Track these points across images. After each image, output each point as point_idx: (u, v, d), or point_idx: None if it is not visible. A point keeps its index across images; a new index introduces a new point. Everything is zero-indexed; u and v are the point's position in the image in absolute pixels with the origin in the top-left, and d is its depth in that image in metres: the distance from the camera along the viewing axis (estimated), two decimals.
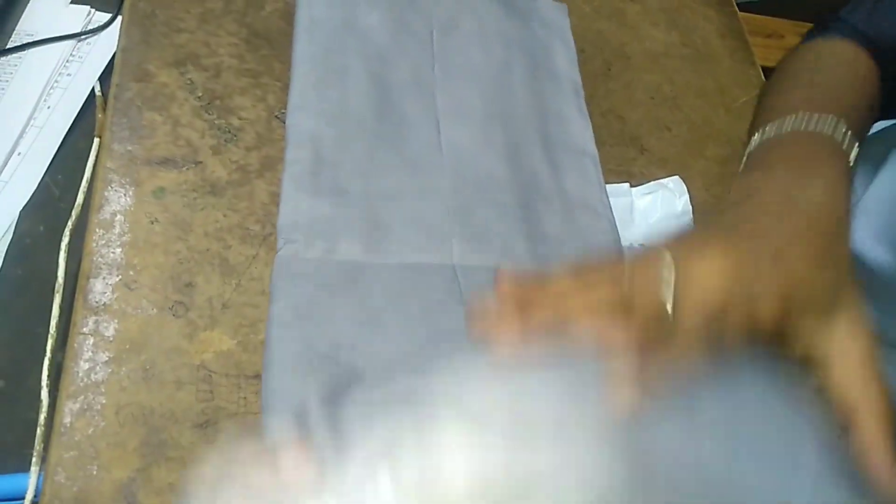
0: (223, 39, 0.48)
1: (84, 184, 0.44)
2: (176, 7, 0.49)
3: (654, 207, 0.48)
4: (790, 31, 0.68)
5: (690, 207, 0.49)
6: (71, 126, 0.48)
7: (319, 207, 0.42)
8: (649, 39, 0.62)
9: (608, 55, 0.59)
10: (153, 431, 0.36)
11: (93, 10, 0.53)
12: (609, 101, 0.57)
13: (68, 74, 0.50)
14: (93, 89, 0.50)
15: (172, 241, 0.41)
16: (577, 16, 0.60)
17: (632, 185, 0.50)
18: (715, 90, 0.61)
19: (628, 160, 0.54)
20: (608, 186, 0.49)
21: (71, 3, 0.53)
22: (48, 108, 0.49)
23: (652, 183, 0.50)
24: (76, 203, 0.43)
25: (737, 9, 0.67)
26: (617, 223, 0.46)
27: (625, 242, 0.45)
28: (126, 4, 0.48)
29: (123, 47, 0.47)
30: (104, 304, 0.38)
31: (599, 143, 0.54)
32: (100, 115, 0.48)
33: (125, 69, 0.46)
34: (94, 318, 0.38)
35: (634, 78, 0.59)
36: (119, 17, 0.53)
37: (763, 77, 0.63)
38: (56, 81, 0.50)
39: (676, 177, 0.50)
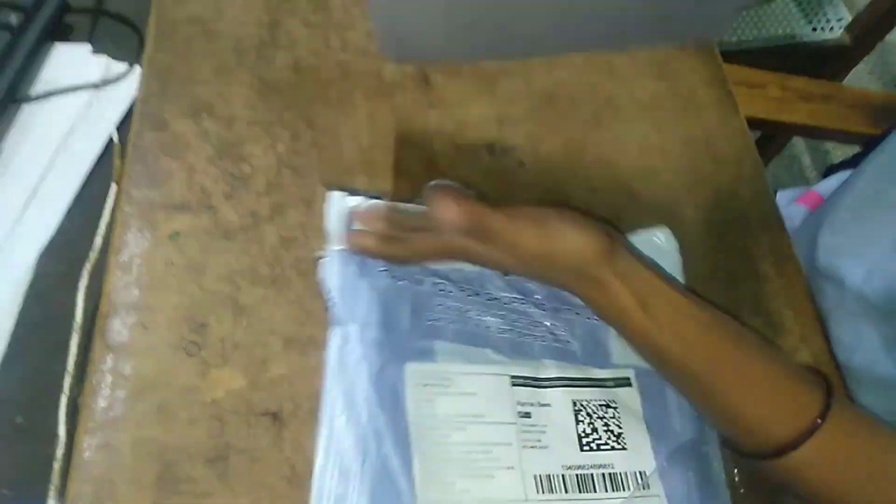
0: (236, 91, 0.51)
1: (102, 227, 0.46)
2: (192, 60, 0.52)
3: None
4: (773, 81, 0.72)
5: (679, 257, 0.51)
6: (89, 171, 0.50)
7: None
8: (639, 90, 0.65)
9: (599, 106, 0.62)
10: (167, 467, 0.37)
11: (111, 60, 0.56)
12: (600, 149, 0.59)
13: (87, 121, 0.53)
14: (110, 136, 0.52)
15: (187, 282, 0.43)
16: (569, 69, 0.63)
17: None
18: (701, 139, 0.64)
19: (619, 206, 0.56)
20: None
21: (91, 53, 0.56)
22: (68, 153, 0.51)
23: (641, 232, 0.52)
24: (94, 246, 0.45)
25: (721, 60, 0.70)
26: None
27: None
28: (145, 57, 0.51)
29: (142, 98, 0.49)
30: (121, 343, 0.40)
31: (591, 189, 0.56)
32: (117, 162, 0.50)
33: (144, 118, 0.48)
34: (111, 356, 0.40)
35: (624, 128, 0.62)
36: (135, 67, 0.55)
37: (746, 127, 0.67)
38: (76, 128, 0.52)
39: (666, 230, 0.52)
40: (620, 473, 0.42)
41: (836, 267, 0.53)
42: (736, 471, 0.44)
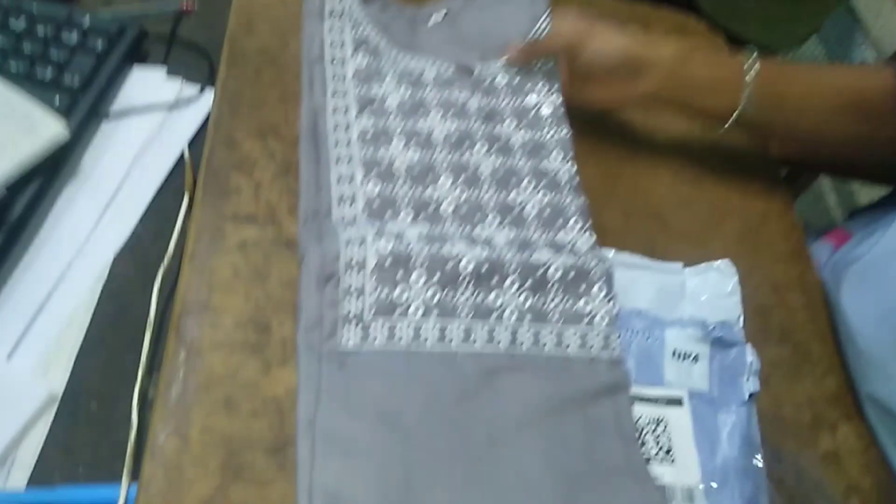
0: (299, 114, 0.55)
1: (175, 234, 0.50)
2: (260, 87, 0.56)
3: (703, 287, 0.53)
4: None
5: (739, 288, 0.53)
6: (162, 184, 0.55)
7: None
8: (673, 123, 0.68)
9: (634, 137, 0.65)
10: (232, 455, 0.40)
11: (184, 83, 0.60)
12: (636, 180, 0.62)
13: (161, 138, 0.57)
14: (182, 152, 0.56)
15: (252, 288, 0.46)
16: None
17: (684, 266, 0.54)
18: (732, 173, 0.66)
19: (652, 234, 0.59)
20: (664, 264, 0.53)
21: (166, 75, 0.61)
22: (142, 166, 0.56)
23: (703, 265, 0.54)
24: (168, 252, 0.49)
25: None
26: (669, 299, 0.52)
27: (677, 316, 0.51)
28: (218, 83, 0.56)
29: (215, 119, 0.54)
30: (192, 340, 0.44)
31: (624, 215, 0.59)
32: (188, 176, 0.54)
33: (216, 137, 0.53)
34: (184, 351, 0.43)
35: (659, 159, 0.65)
36: (206, 90, 0.60)
37: (776, 162, 0.69)
38: (150, 144, 0.57)
39: (727, 259, 0.55)
40: (668, 486, 0.44)
41: (856, 309, 0.55)
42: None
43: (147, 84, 0.60)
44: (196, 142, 0.57)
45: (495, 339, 0.46)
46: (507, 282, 0.48)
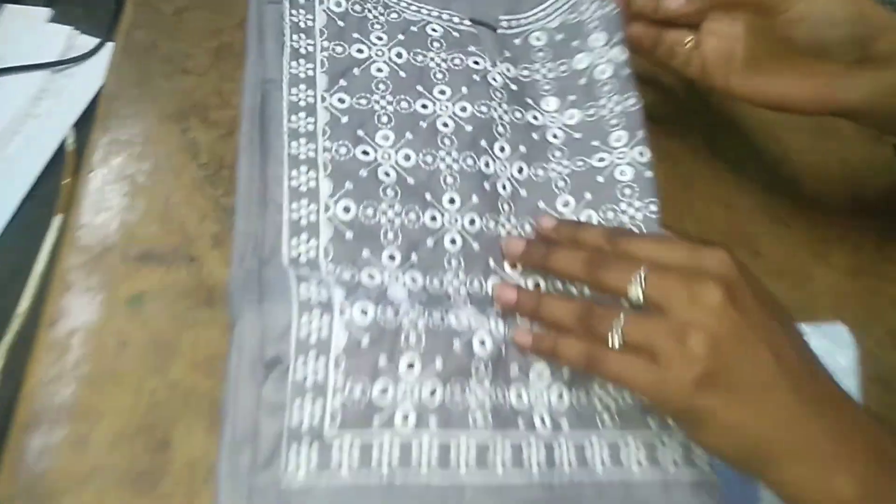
0: (240, 86, 0.37)
1: (34, 278, 0.33)
2: (183, 39, 0.38)
3: None
4: None
5: (857, 365, 0.37)
6: (31, 188, 0.37)
7: None
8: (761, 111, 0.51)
9: (715, 125, 0.48)
10: None
11: (77, 33, 0.42)
12: (716, 185, 0.46)
13: (37, 115, 0.39)
14: (65, 139, 0.38)
15: (147, 373, 0.30)
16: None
17: None
18: (840, 173, 0.50)
19: None
20: None
21: (49, 20, 0.42)
22: (4, 160, 0.38)
23: (807, 326, 0.38)
24: (18, 309, 0.32)
25: None
26: None
27: None
28: (120, 32, 0.37)
29: (109, 91, 0.36)
30: (40, 473, 0.27)
31: (699, 235, 0.43)
32: (67, 179, 0.36)
33: (108, 120, 0.35)
34: (25, 497, 0.26)
35: (745, 155, 0.48)
36: (108, 45, 0.42)
37: None
38: (20, 124, 0.39)
39: (840, 324, 0.39)
40: None
41: None
42: None
43: (21, 32, 0.42)
44: (86, 122, 0.39)
45: (525, 459, 0.30)
46: (535, 370, 0.31)
